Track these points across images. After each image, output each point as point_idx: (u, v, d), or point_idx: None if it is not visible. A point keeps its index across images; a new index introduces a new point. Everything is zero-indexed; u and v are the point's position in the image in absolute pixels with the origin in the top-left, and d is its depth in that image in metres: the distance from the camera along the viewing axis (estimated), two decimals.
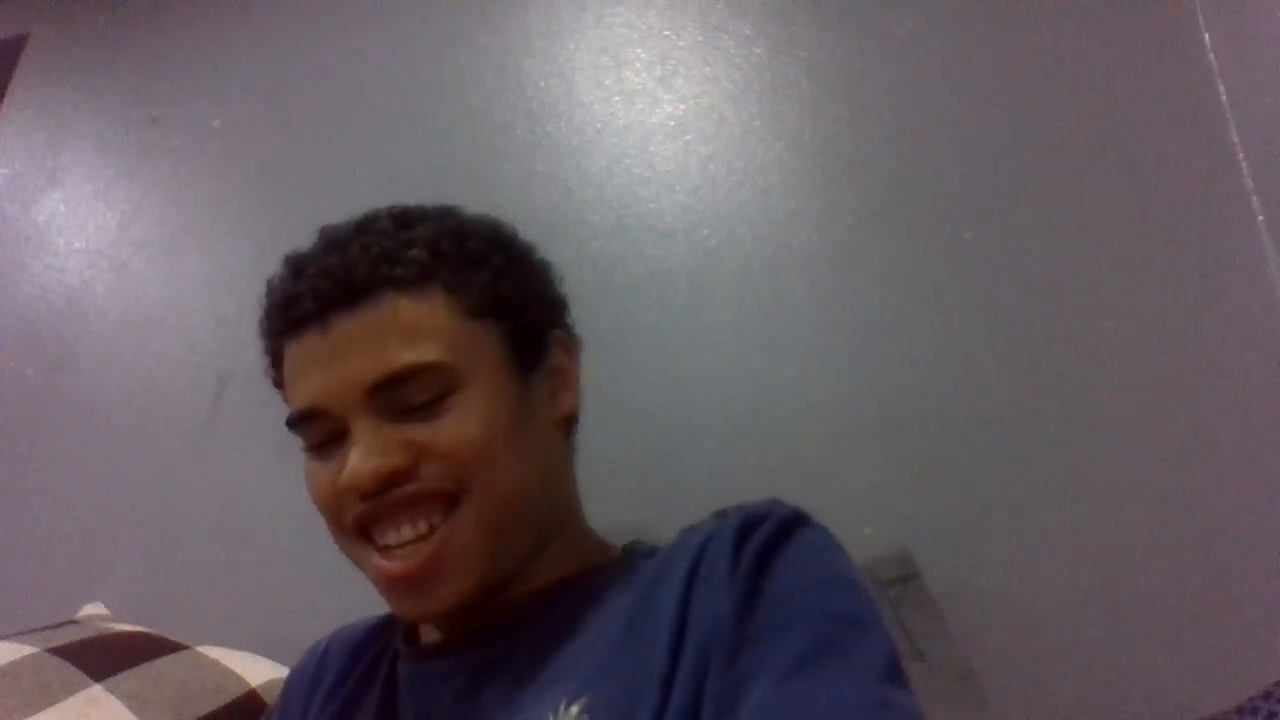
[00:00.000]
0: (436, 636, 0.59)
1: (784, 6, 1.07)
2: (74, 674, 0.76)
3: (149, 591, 1.11)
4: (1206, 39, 0.90)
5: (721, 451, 0.95)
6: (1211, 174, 0.87)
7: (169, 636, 0.88)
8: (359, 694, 0.62)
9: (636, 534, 0.64)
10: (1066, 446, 0.85)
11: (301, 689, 0.67)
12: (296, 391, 0.55)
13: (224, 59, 1.41)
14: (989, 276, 0.92)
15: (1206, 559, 0.79)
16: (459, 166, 1.17)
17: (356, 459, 0.50)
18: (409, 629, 0.63)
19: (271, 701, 0.78)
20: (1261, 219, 0.84)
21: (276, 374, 0.59)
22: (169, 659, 0.83)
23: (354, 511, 0.52)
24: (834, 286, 0.96)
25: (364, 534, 0.53)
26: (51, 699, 0.72)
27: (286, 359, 0.56)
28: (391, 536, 0.52)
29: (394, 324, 0.53)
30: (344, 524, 0.53)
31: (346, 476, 0.50)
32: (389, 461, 0.51)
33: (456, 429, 0.52)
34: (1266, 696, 0.66)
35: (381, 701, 0.59)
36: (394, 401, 0.52)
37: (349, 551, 0.55)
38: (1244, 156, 0.86)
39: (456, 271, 0.56)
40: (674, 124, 1.08)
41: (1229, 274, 0.85)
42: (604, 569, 0.58)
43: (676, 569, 0.51)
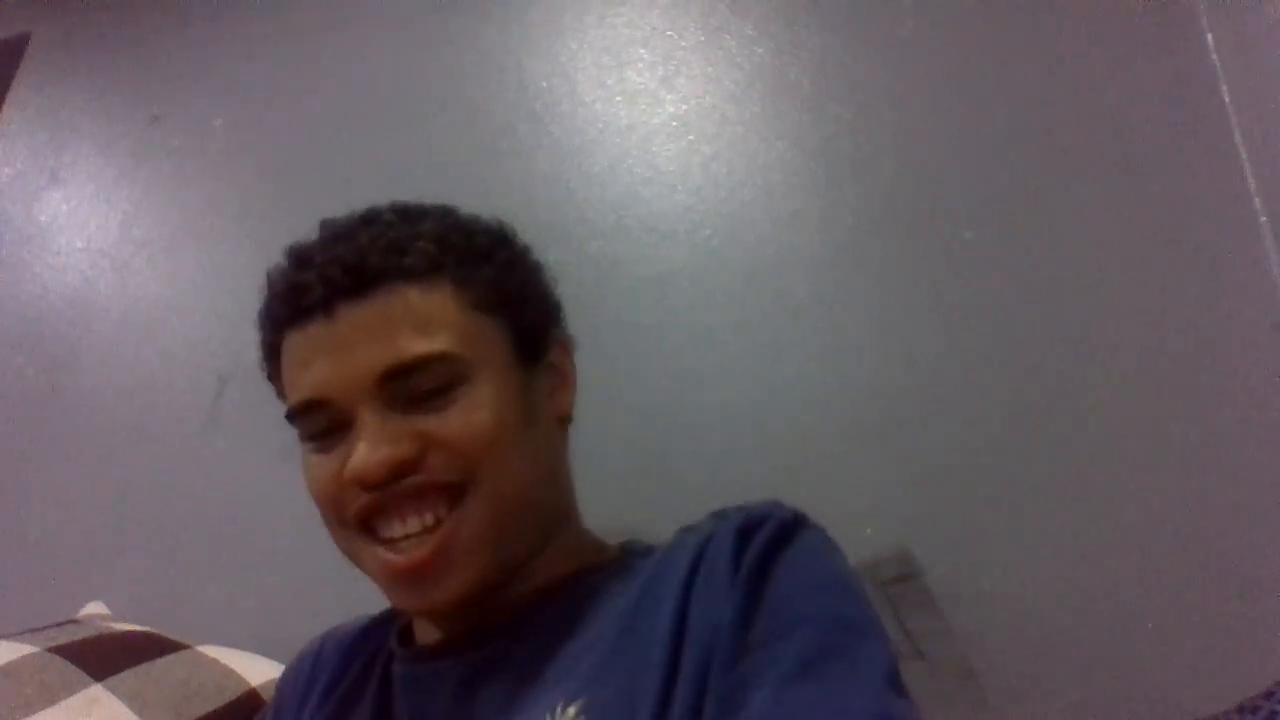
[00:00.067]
0: (433, 637, 0.58)
1: (787, 7, 1.07)
2: (75, 673, 0.76)
3: (149, 591, 1.11)
4: (1209, 39, 0.90)
5: (722, 451, 0.95)
6: (1214, 175, 0.87)
7: (169, 636, 0.88)
8: (353, 696, 0.61)
9: (637, 534, 0.64)
10: (1067, 447, 0.85)
11: (295, 690, 0.66)
12: (300, 381, 0.53)
13: (225, 59, 1.41)
14: (989, 276, 0.91)
15: (1206, 559, 0.79)
16: (461, 166, 1.17)
17: (365, 448, 0.50)
18: (404, 630, 0.63)
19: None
20: (1264, 220, 0.84)
21: (271, 366, 0.58)
22: (169, 658, 0.83)
23: (357, 504, 0.51)
24: (836, 287, 0.96)
25: (366, 528, 0.52)
26: (52, 698, 0.72)
27: (286, 350, 0.55)
28: (396, 529, 0.51)
29: (405, 313, 0.52)
30: (345, 517, 0.52)
31: (354, 466, 0.50)
32: (399, 451, 0.50)
33: (465, 420, 0.51)
34: (1267, 696, 0.66)
35: (376, 703, 0.59)
36: (402, 392, 0.51)
37: (348, 546, 0.54)
38: (1247, 157, 0.86)
39: (464, 264, 0.55)
40: (676, 124, 1.08)
41: (1231, 275, 0.84)
42: (602, 568, 0.58)
43: (675, 570, 0.51)
